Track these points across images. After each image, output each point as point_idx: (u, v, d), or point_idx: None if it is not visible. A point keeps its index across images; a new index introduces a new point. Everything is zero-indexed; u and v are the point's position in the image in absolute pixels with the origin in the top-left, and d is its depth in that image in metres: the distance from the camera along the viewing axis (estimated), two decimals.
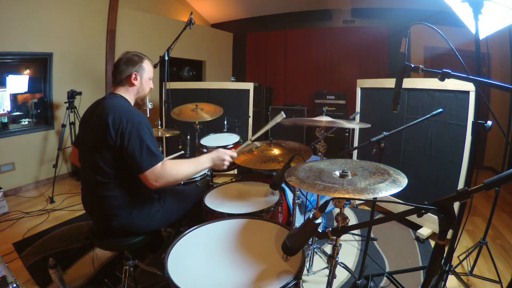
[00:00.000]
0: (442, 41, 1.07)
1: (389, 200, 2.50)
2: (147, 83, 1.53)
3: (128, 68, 1.44)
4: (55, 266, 1.56)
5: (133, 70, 1.44)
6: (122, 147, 1.25)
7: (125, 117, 1.28)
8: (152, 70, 1.57)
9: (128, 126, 1.26)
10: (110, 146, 1.26)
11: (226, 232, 1.23)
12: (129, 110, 1.34)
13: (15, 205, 2.97)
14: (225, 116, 3.19)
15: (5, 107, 3.22)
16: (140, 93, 1.52)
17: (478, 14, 1.07)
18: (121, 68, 1.43)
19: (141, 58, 1.49)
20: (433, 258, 0.69)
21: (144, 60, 1.50)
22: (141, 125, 1.28)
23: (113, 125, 1.25)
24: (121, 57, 1.46)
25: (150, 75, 1.53)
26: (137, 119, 1.29)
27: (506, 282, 1.71)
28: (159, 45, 4.12)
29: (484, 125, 1.16)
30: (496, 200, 1.72)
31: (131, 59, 1.45)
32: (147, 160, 1.25)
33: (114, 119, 1.26)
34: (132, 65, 1.44)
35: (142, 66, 1.48)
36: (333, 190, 0.89)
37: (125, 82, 1.45)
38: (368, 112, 2.91)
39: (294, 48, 5.75)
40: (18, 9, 3.09)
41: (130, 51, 1.50)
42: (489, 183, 0.58)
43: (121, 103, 1.37)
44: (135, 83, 1.46)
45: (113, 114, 1.27)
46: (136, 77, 1.46)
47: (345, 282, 1.82)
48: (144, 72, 1.49)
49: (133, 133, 1.25)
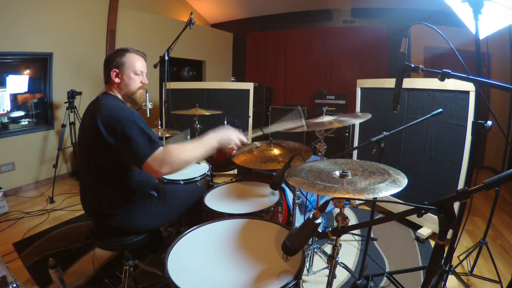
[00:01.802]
0: (442, 41, 1.07)
1: (389, 200, 2.50)
2: (132, 78, 1.42)
3: (108, 66, 1.40)
4: (55, 266, 1.56)
5: (111, 67, 1.39)
6: (118, 145, 1.21)
7: (114, 115, 1.23)
8: (140, 64, 1.44)
9: (119, 124, 1.20)
10: (105, 146, 1.23)
11: (226, 232, 1.23)
12: (119, 108, 1.29)
13: (15, 205, 2.97)
14: (225, 116, 3.19)
15: (5, 107, 3.22)
16: (124, 90, 1.43)
17: (478, 14, 1.06)
18: (104, 66, 1.41)
19: (122, 52, 1.41)
20: (433, 258, 0.69)
21: (126, 54, 1.40)
22: (131, 119, 1.22)
23: (104, 125, 1.22)
24: (106, 55, 1.44)
25: (135, 69, 1.42)
26: (127, 115, 1.24)
27: (506, 282, 1.71)
28: (159, 45, 4.12)
29: (484, 125, 1.16)
30: (496, 200, 1.72)
31: (111, 56, 1.40)
32: (145, 148, 1.18)
33: (104, 119, 1.23)
34: (110, 62, 1.39)
35: (122, 61, 1.39)
36: (333, 190, 0.89)
37: (109, 81, 1.42)
38: (368, 112, 2.90)
39: (294, 48, 5.75)
40: (18, 9, 3.09)
41: (116, 48, 1.46)
42: (489, 183, 0.58)
43: (111, 102, 1.33)
44: (116, 80, 1.40)
45: (103, 114, 1.24)
46: (118, 74, 1.39)
47: (345, 282, 1.82)
48: (124, 67, 1.39)
49: (125, 128, 1.20)
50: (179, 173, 2.11)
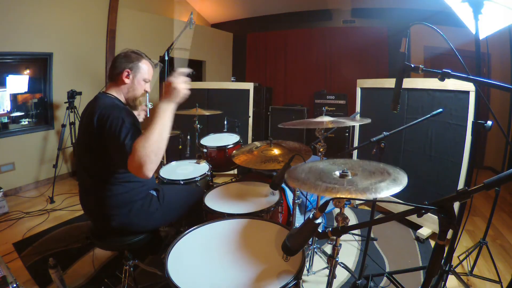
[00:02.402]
0: (442, 41, 1.07)
1: (389, 200, 2.50)
2: (140, 84, 1.44)
3: (122, 64, 1.38)
4: (55, 266, 1.56)
5: (126, 67, 1.38)
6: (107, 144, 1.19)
7: (110, 114, 1.21)
8: (151, 73, 1.47)
9: (108, 121, 1.18)
10: (101, 145, 1.22)
11: (226, 232, 1.23)
12: (114, 106, 1.27)
13: (15, 205, 2.97)
14: (225, 116, 3.19)
15: (5, 107, 3.22)
16: (130, 93, 1.43)
17: (478, 14, 1.06)
18: (116, 63, 1.38)
19: (139, 56, 1.42)
20: (433, 258, 0.69)
21: (142, 60, 1.43)
22: (118, 118, 1.18)
23: (98, 123, 1.21)
24: (120, 52, 1.41)
25: (145, 77, 1.44)
26: (124, 114, 1.21)
27: (506, 282, 1.71)
28: (159, 45, 4.12)
29: (484, 125, 1.16)
30: (496, 200, 1.72)
31: (127, 56, 1.40)
32: (123, 156, 1.10)
33: (98, 118, 1.22)
34: (126, 62, 1.38)
35: (138, 65, 1.40)
36: (333, 190, 0.89)
37: (117, 79, 1.39)
38: (368, 112, 2.91)
39: (294, 48, 5.75)
40: (18, 9, 3.09)
41: (131, 49, 1.44)
42: (489, 183, 0.58)
43: (107, 102, 1.31)
44: (126, 81, 1.39)
45: (98, 114, 1.23)
46: (129, 75, 1.39)
47: (345, 282, 1.82)
48: (138, 71, 1.41)
49: (118, 129, 1.15)
50: (179, 173, 2.11)
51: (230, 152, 1.64)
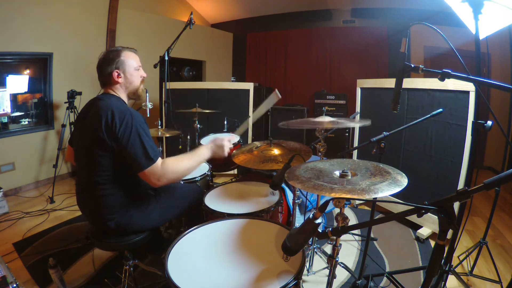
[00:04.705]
0: (442, 41, 1.07)
1: (389, 200, 2.50)
2: (134, 74, 1.43)
3: (107, 68, 1.37)
4: (55, 266, 1.56)
5: (112, 69, 1.37)
6: (120, 148, 1.23)
7: (119, 118, 1.24)
8: (136, 58, 1.46)
9: (122, 127, 1.22)
10: (106, 147, 1.24)
11: (226, 232, 1.23)
12: (123, 110, 1.28)
13: (15, 205, 2.97)
14: (225, 116, 3.19)
15: (5, 107, 3.22)
16: (129, 88, 1.45)
17: (478, 14, 1.06)
18: (102, 70, 1.39)
19: (117, 52, 1.40)
20: (433, 258, 0.69)
21: (122, 53, 1.40)
22: (136, 125, 1.25)
23: (106, 127, 1.23)
24: (98, 60, 1.41)
25: (134, 65, 1.43)
26: (132, 119, 1.25)
27: (506, 282, 1.71)
28: (159, 45, 4.12)
29: (484, 125, 1.16)
30: (496, 200, 1.72)
31: (106, 58, 1.39)
32: (143, 159, 1.23)
33: (108, 121, 1.23)
34: (109, 64, 1.37)
35: (121, 60, 1.39)
36: (333, 190, 0.89)
37: (111, 82, 1.40)
38: (368, 112, 2.91)
39: (294, 48, 5.75)
40: (18, 9, 3.09)
41: (107, 50, 1.43)
42: (489, 183, 0.58)
43: (114, 103, 1.32)
44: (119, 80, 1.39)
45: (106, 116, 1.24)
46: (119, 74, 1.39)
47: (345, 282, 1.82)
48: (125, 65, 1.40)
49: (129, 133, 1.22)
50: None
51: (230, 152, 1.65)
